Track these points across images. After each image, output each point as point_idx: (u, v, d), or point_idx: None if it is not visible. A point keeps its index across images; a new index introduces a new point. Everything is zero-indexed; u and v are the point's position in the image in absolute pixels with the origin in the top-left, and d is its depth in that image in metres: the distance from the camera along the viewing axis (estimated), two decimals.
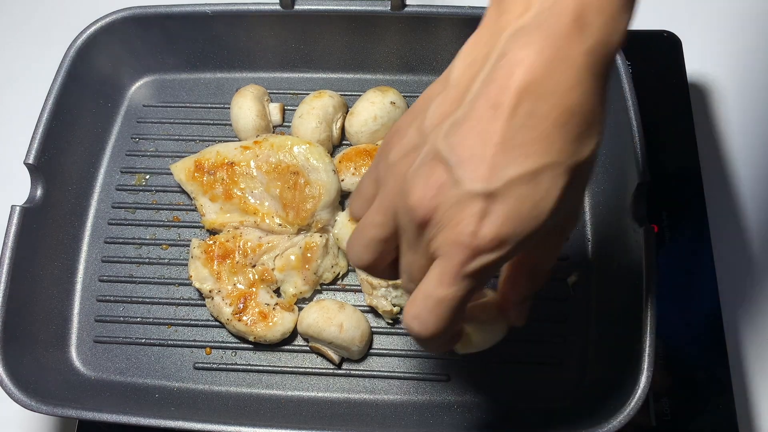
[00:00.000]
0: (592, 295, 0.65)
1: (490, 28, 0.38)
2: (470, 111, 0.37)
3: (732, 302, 0.70)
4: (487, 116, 0.37)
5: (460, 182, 0.37)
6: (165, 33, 0.74)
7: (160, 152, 0.74)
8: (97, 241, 0.70)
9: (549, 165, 0.37)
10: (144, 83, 0.77)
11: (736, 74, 0.81)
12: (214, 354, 0.65)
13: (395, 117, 0.71)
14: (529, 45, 0.36)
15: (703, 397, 0.62)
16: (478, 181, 0.37)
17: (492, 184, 0.37)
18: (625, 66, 0.64)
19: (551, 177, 0.37)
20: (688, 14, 0.85)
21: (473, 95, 0.37)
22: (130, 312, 0.67)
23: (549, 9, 0.36)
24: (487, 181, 0.37)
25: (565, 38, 0.36)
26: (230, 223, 0.67)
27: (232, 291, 0.65)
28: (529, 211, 0.37)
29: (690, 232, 0.68)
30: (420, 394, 0.62)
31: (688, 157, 0.71)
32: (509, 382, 0.62)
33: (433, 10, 0.70)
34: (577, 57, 0.36)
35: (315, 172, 0.67)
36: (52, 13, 0.91)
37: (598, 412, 0.56)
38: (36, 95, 0.72)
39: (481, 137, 0.37)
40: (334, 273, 0.66)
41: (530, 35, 0.36)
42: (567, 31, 0.36)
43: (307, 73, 0.77)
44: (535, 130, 0.36)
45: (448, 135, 0.38)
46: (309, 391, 0.63)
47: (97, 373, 0.65)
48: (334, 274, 0.66)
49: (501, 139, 0.36)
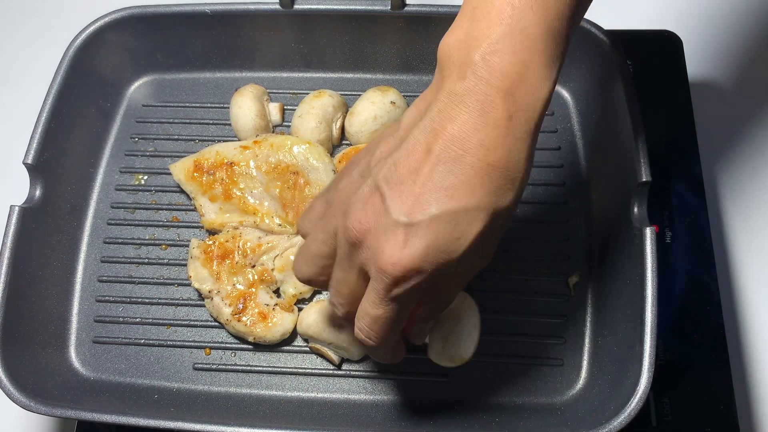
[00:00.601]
0: (592, 295, 0.65)
1: (435, 86, 0.44)
2: (407, 152, 0.43)
3: (733, 302, 0.70)
4: (420, 158, 0.42)
5: (389, 212, 0.42)
6: (164, 33, 0.74)
7: (159, 152, 0.74)
8: (96, 242, 0.70)
9: (469, 209, 0.42)
10: (143, 83, 0.77)
11: (736, 74, 0.81)
12: (214, 354, 0.65)
13: (395, 117, 0.71)
14: (462, 106, 0.42)
15: (704, 397, 0.62)
16: (403, 213, 0.42)
17: (415, 217, 0.42)
18: (625, 66, 0.64)
19: (469, 220, 0.42)
20: (688, 14, 0.85)
21: (413, 139, 0.43)
22: (129, 312, 0.67)
23: (480, 79, 0.41)
24: (411, 214, 0.42)
25: (491, 105, 0.41)
26: (230, 224, 0.67)
27: (231, 291, 0.64)
28: (447, 246, 0.42)
29: (691, 232, 0.68)
30: (420, 394, 0.62)
31: (689, 157, 0.71)
32: (509, 381, 0.62)
33: (433, 9, 0.70)
34: (500, 120, 0.41)
35: (315, 172, 0.67)
36: (52, 13, 0.91)
37: (598, 412, 0.56)
38: (35, 95, 0.72)
39: (413, 175, 0.42)
40: None
41: (464, 98, 0.42)
42: (493, 98, 0.41)
43: (306, 73, 0.77)
44: (460, 177, 0.42)
45: (388, 170, 0.43)
46: (309, 392, 0.63)
47: (96, 373, 0.65)
48: None
49: (428, 180, 0.42)
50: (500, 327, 0.64)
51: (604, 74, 0.67)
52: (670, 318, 0.65)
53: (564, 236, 0.67)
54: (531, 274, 0.66)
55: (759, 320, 0.70)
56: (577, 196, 0.69)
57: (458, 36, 0.43)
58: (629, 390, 0.54)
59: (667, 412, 0.62)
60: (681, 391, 0.62)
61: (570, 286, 0.65)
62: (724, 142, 0.77)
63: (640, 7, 0.85)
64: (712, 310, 0.65)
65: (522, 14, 0.41)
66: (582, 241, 0.67)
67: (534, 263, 0.66)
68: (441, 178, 0.42)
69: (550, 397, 0.62)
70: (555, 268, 0.66)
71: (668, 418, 0.61)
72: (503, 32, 0.41)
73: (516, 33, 0.41)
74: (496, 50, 0.41)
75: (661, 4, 0.85)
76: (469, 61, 0.42)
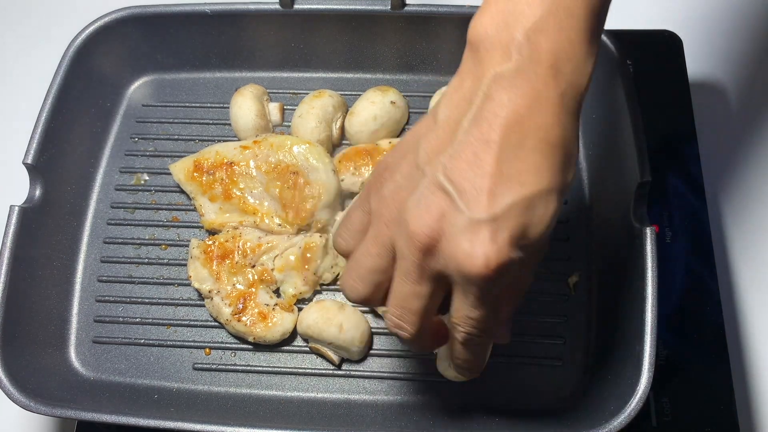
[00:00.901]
0: (592, 295, 0.65)
1: (471, 73, 0.42)
2: (463, 146, 0.41)
3: (733, 302, 0.70)
4: (480, 150, 0.40)
5: (463, 210, 0.40)
6: (164, 32, 0.74)
7: (159, 152, 0.74)
8: (96, 242, 0.70)
9: (541, 191, 0.41)
10: (143, 83, 0.77)
11: (736, 74, 0.81)
12: (214, 354, 0.65)
13: (395, 116, 0.71)
14: (512, 88, 0.40)
15: (704, 397, 0.62)
16: (481, 210, 0.40)
17: (493, 211, 0.40)
18: (625, 66, 0.64)
19: (544, 202, 0.41)
20: (688, 14, 0.85)
21: (464, 132, 0.41)
22: (129, 312, 0.67)
23: (528, 58, 0.40)
24: (489, 209, 0.40)
25: (543, 83, 0.40)
26: (229, 223, 0.67)
27: (231, 291, 0.64)
28: (528, 233, 0.41)
29: (691, 232, 0.68)
30: (420, 395, 0.62)
31: (689, 157, 0.71)
32: (509, 381, 0.62)
33: (433, 9, 0.70)
34: (554, 98, 0.41)
35: (315, 172, 0.67)
36: (52, 13, 0.91)
37: (598, 412, 0.56)
38: (35, 95, 0.72)
39: (477, 169, 0.40)
40: (334, 273, 0.66)
41: (512, 80, 0.40)
42: (544, 77, 0.40)
43: (306, 73, 0.77)
44: (525, 162, 0.40)
45: (446, 168, 0.41)
46: (309, 392, 0.63)
47: (96, 373, 0.65)
48: (333, 274, 0.66)
49: (495, 171, 0.40)
50: None
51: (604, 74, 0.67)
52: (670, 318, 0.65)
53: (564, 236, 0.67)
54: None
55: (759, 320, 0.70)
56: (577, 196, 0.69)
57: (494, 16, 0.41)
58: (629, 390, 0.54)
59: (667, 412, 0.62)
60: (681, 391, 0.62)
61: (570, 286, 0.65)
62: (724, 142, 0.77)
63: (640, 7, 0.85)
64: (711, 309, 0.65)
65: None
66: (582, 241, 0.67)
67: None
68: (508, 167, 0.40)
69: (550, 397, 0.62)
70: (555, 268, 0.66)
71: (668, 418, 0.61)
72: (547, 10, 0.41)
73: (560, 11, 0.41)
74: (542, 28, 0.40)
75: (661, 4, 0.85)
76: (512, 41, 0.40)
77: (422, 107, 0.74)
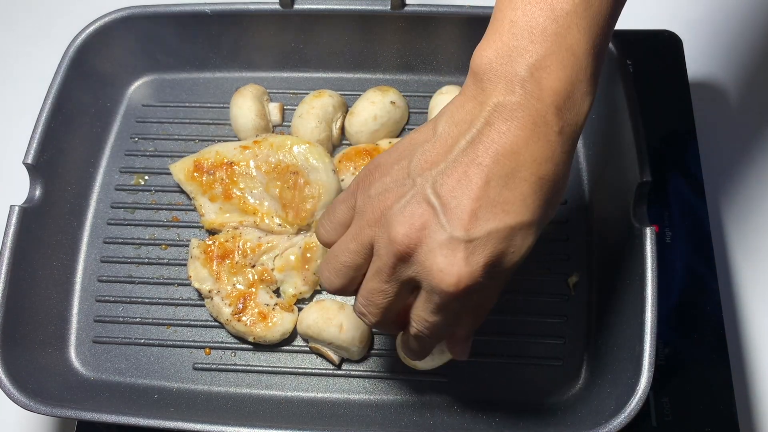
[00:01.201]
0: (592, 295, 0.65)
1: (474, 98, 0.43)
2: (456, 164, 0.42)
3: (733, 302, 0.70)
4: (470, 171, 0.42)
5: (445, 226, 0.42)
6: (164, 32, 0.74)
7: (159, 152, 0.74)
8: (96, 241, 0.70)
9: (523, 223, 0.42)
10: (143, 83, 0.77)
11: (736, 74, 0.81)
12: (214, 354, 0.65)
13: (395, 116, 0.71)
14: (512, 120, 0.42)
15: (704, 396, 0.62)
16: (461, 228, 0.42)
17: (473, 234, 0.42)
18: (625, 66, 0.64)
19: (523, 234, 0.43)
20: (688, 14, 0.85)
21: (460, 151, 0.42)
22: (129, 312, 0.67)
23: (530, 93, 0.42)
24: (468, 229, 0.42)
25: (542, 119, 0.42)
26: (229, 223, 0.67)
27: (231, 291, 0.64)
28: (502, 262, 0.43)
29: (691, 232, 0.68)
30: (420, 394, 0.62)
31: (689, 157, 0.71)
32: (509, 381, 0.62)
33: (433, 9, 0.70)
34: (551, 135, 0.42)
35: (315, 172, 0.67)
36: (52, 13, 0.91)
37: (598, 412, 0.56)
38: (35, 95, 0.72)
39: (465, 189, 0.42)
40: None
41: (513, 112, 0.42)
42: (544, 113, 0.42)
43: (306, 73, 0.77)
44: (514, 192, 0.42)
45: (436, 182, 0.43)
46: (309, 392, 0.63)
47: (96, 373, 0.65)
48: None
49: (482, 194, 0.42)
50: (500, 327, 0.64)
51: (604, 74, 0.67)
52: (670, 317, 0.65)
53: (564, 236, 0.67)
54: (531, 274, 0.66)
55: (759, 320, 0.70)
56: (577, 197, 0.69)
57: (498, 49, 0.43)
58: (629, 390, 0.54)
59: (667, 412, 0.62)
60: (681, 391, 0.62)
61: (570, 286, 0.65)
62: (724, 142, 0.77)
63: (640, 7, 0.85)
64: (712, 309, 0.65)
65: (567, 32, 0.42)
66: (582, 241, 0.67)
67: (534, 263, 0.66)
68: (496, 192, 0.42)
69: (550, 397, 0.62)
70: (555, 268, 0.66)
71: (668, 418, 0.61)
72: (549, 49, 0.42)
73: (562, 50, 0.42)
74: (545, 66, 0.42)
75: (661, 4, 0.85)
76: (515, 76, 0.42)
77: (422, 107, 0.74)
